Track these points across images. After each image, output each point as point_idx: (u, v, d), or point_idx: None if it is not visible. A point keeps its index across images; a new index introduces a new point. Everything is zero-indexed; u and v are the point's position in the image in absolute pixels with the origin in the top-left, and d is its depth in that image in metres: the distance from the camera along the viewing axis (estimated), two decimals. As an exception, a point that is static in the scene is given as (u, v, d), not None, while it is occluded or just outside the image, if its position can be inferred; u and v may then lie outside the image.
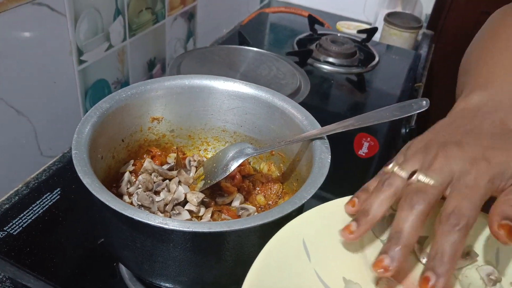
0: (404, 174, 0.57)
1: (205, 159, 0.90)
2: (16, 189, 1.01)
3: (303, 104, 0.82)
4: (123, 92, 0.79)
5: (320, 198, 1.02)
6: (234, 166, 0.76)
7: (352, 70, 1.56)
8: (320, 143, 0.73)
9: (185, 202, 0.77)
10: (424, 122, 2.30)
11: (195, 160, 0.87)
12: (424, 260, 0.57)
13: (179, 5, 1.43)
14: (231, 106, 0.87)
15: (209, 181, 0.78)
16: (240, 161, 0.77)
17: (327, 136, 0.74)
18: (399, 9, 1.95)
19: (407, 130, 1.37)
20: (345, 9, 1.98)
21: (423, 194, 0.53)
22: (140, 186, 0.78)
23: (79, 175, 0.61)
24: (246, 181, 0.86)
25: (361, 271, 0.57)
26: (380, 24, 1.85)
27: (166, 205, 0.76)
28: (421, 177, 0.54)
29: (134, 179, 0.80)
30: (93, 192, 0.59)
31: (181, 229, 0.57)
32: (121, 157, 0.82)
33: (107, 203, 0.58)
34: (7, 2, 0.87)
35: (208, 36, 1.70)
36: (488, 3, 1.95)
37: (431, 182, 0.53)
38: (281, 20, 1.94)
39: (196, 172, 0.84)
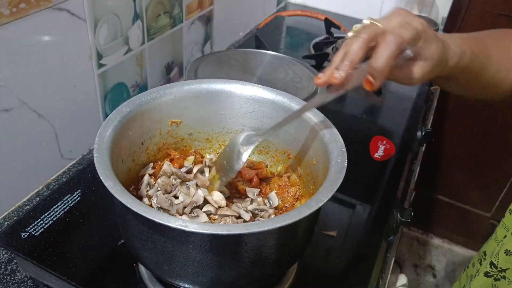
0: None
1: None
2: (37, 190, 1.03)
3: (319, 107, 0.83)
4: (143, 96, 0.80)
5: (336, 200, 1.04)
6: (246, 155, 0.78)
7: (368, 73, 1.56)
8: (337, 146, 0.74)
9: (203, 204, 0.78)
10: (440, 125, 2.29)
11: (211, 160, 0.88)
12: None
13: (196, 9, 1.44)
14: (248, 110, 0.88)
15: (224, 178, 0.80)
16: (251, 148, 0.78)
17: (343, 139, 0.75)
18: (415, 12, 1.94)
19: (423, 133, 1.37)
20: (362, 12, 1.99)
21: (368, 29, 0.68)
22: (159, 188, 0.79)
23: (101, 178, 0.62)
24: (264, 184, 0.87)
25: None
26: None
27: (184, 207, 0.77)
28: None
29: (154, 182, 0.82)
30: (115, 194, 0.60)
31: (200, 231, 0.58)
32: (140, 160, 0.84)
33: (128, 206, 0.59)
34: (28, 7, 0.89)
35: (225, 40, 1.71)
36: (505, 5, 1.95)
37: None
38: (298, 23, 1.94)
39: (210, 173, 0.85)
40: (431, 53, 0.70)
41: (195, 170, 0.85)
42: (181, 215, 0.76)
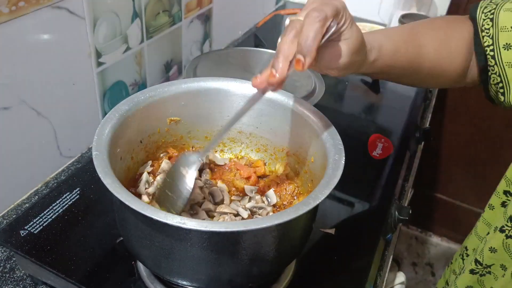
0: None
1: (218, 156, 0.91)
2: (35, 188, 1.03)
3: (317, 106, 0.83)
4: (142, 94, 0.80)
5: (334, 198, 1.04)
6: (191, 177, 0.74)
7: (366, 72, 1.57)
8: (334, 144, 0.74)
9: (202, 201, 0.78)
10: (439, 123, 2.29)
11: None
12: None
13: (195, 8, 1.44)
14: (247, 108, 0.88)
15: (173, 210, 0.73)
16: (194, 168, 0.75)
17: (342, 138, 0.75)
18: (414, 10, 1.95)
19: (422, 132, 1.37)
20: (360, 10, 1.98)
21: (291, 25, 0.67)
22: (158, 186, 0.79)
23: (100, 175, 0.63)
24: (262, 182, 0.88)
25: None
26: (395, 25, 1.85)
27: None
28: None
29: (152, 180, 0.82)
30: (113, 192, 0.61)
31: (198, 228, 0.58)
32: (139, 158, 0.84)
33: (127, 203, 0.59)
34: (27, 5, 0.89)
35: (224, 38, 1.72)
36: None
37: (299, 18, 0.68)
38: (296, 21, 1.94)
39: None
40: (354, 31, 0.70)
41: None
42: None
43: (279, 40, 0.69)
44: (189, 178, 0.74)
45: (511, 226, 0.83)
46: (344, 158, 0.71)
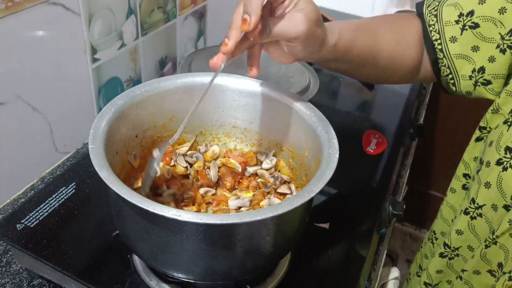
0: None
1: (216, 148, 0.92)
2: (31, 183, 1.04)
3: (312, 102, 0.83)
4: (137, 89, 0.81)
5: (329, 193, 1.05)
6: (157, 160, 0.78)
7: (360, 68, 1.57)
8: (329, 138, 0.75)
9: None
10: (433, 119, 2.30)
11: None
12: None
13: (189, 5, 1.45)
14: (241, 103, 0.89)
15: (145, 185, 0.78)
16: (161, 151, 0.79)
17: (336, 134, 0.76)
18: (408, 7, 1.95)
19: (416, 128, 1.38)
20: (354, 7, 1.99)
21: None
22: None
23: (96, 168, 0.63)
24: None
25: None
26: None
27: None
28: None
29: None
30: (109, 185, 0.61)
31: (194, 221, 0.58)
32: (134, 152, 0.84)
33: (123, 196, 0.60)
34: (23, 1, 0.89)
35: (218, 35, 1.72)
36: None
37: None
38: (291, 19, 1.94)
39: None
40: (309, 3, 0.71)
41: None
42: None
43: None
44: (157, 159, 0.78)
45: (474, 208, 0.86)
46: (338, 152, 0.72)
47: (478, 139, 0.94)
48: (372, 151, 1.19)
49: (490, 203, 0.83)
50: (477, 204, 0.85)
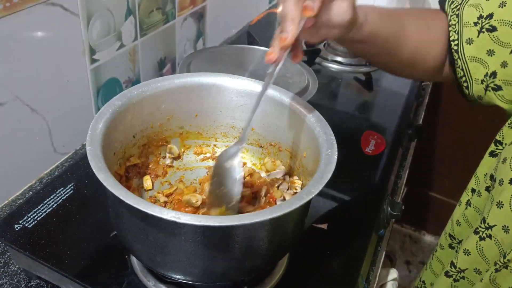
0: None
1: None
2: (29, 184, 1.04)
3: (310, 102, 0.83)
4: (135, 89, 0.81)
5: (327, 193, 1.05)
6: (238, 168, 0.76)
7: (360, 69, 1.58)
8: (327, 139, 0.74)
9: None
10: (433, 120, 2.30)
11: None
12: None
13: (188, 6, 1.45)
14: (239, 103, 0.89)
15: (230, 206, 0.75)
16: (238, 157, 0.76)
17: (335, 134, 0.75)
18: (407, 6, 1.95)
19: (415, 129, 1.38)
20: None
21: None
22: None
23: (94, 170, 0.63)
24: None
25: None
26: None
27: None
28: None
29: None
30: (108, 187, 0.61)
31: (192, 223, 0.58)
32: (132, 153, 0.84)
33: (121, 198, 0.60)
34: (22, 2, 0.89)
35: (218, 36, 1.72)
36: None
37: None
38: (290, 19, 1.94)
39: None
40: None
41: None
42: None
43: (279, 9, 0.71)
44: (237, 167, 0.75)
45: (485, 228, 0.83)
46: (336, 152, 0.72)
47: (493, 154, 0.92)
48: (370, 151, 1.19)
49: (501, 224, 0.80)
50: (488, 224, 0.82)
